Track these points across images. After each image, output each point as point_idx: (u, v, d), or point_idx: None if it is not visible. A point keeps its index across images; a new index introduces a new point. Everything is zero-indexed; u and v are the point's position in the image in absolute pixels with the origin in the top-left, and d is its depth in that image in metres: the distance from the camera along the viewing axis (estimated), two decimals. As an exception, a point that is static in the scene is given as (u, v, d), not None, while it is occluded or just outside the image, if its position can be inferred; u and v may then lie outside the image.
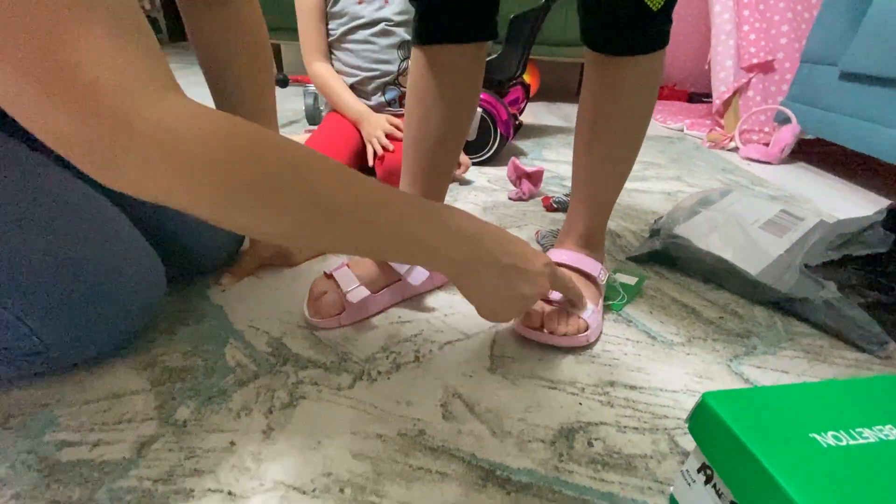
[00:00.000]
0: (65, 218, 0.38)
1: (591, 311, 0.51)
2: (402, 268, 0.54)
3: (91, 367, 0.44)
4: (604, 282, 0.56)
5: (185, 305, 0.54)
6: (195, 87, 0.53)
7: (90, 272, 0.38)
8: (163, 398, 0.41)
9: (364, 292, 0.52)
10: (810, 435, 0.27)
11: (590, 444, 0.39)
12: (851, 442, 0.27)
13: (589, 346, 0.50)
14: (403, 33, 1.02)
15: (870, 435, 0.27)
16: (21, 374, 0.42)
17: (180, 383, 0.43)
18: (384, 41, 1.01)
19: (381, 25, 1.00)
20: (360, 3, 1.00)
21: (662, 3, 0.43)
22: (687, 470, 0.32)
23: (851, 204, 1.04)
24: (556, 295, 0.50)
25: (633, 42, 0.45)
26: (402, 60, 1.04)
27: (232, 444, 0.37)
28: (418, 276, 0.54)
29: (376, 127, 0.96)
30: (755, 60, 1.46)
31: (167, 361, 0.45)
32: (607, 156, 0.52)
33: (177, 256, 0.52)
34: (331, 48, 1.06)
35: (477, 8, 0.48)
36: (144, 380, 0.43)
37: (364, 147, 0.99)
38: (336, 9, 1.01)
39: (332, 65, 1.07)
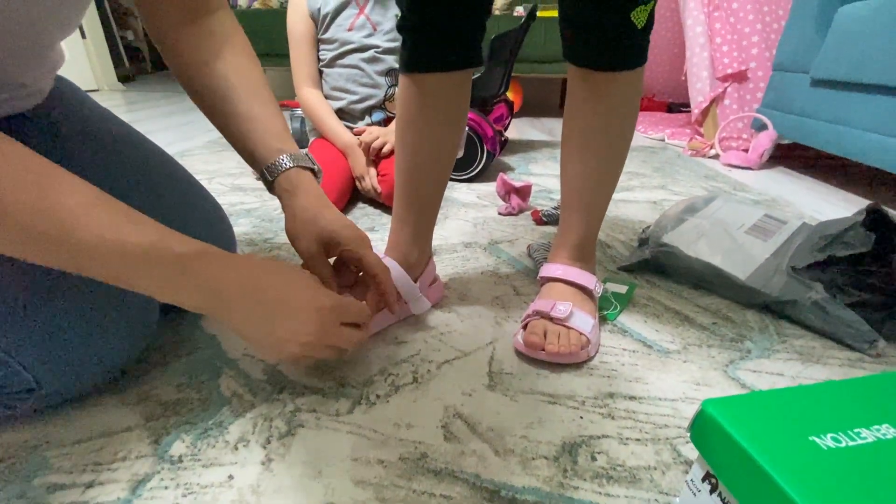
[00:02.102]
0: None
1: (590, 325, 0.51)
2: (410, 297, 0.55)
3: (82, 404, 0.43)
4: (599, 294, 0.56)
5: (177, 336, 0.53)
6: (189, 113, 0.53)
7: (82, 305, 0.38)
8: (157, 433, 0.40)
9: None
10: (810, 438, 0.27)
11: (593, 459, 0.38)
12: (850, 443, 0.27)
13: (589, 358, 0.50)
14: (392, 61, 1.04)
15: (868, 435, 0.28)
16: (12, 414, 0.41)
17: (175, 417, 0.42)
18: (372, 67, 1.03)
19: (370, 52, 1.02)
20: (349, 29, 1.02)
21: (646, 20, 0.45)
22: (692, 479, 0.32)
23: (831, 205, 1.07)
24: (559, 312, 0.50)
25: (619, 58, 0.47)
26: (389, 87, 1.05)
27: (230, 477, 0.36)
28: (422, 306, 0.56)
29: (364, 168, 0.98)
30: (729, 70, 1.51)
31: (161, 395, 0.45)
32: (595, 168, 0.53)
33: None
34: (321, 72, 1.07)
35: (463, 37, 0.49)
36: (137, 415, 0.42)
37: None
38: (327, 35, 1.03)
39: (322, 88, 1.08)
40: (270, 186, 0.47)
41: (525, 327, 0.51)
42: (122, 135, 0.55)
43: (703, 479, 0.31)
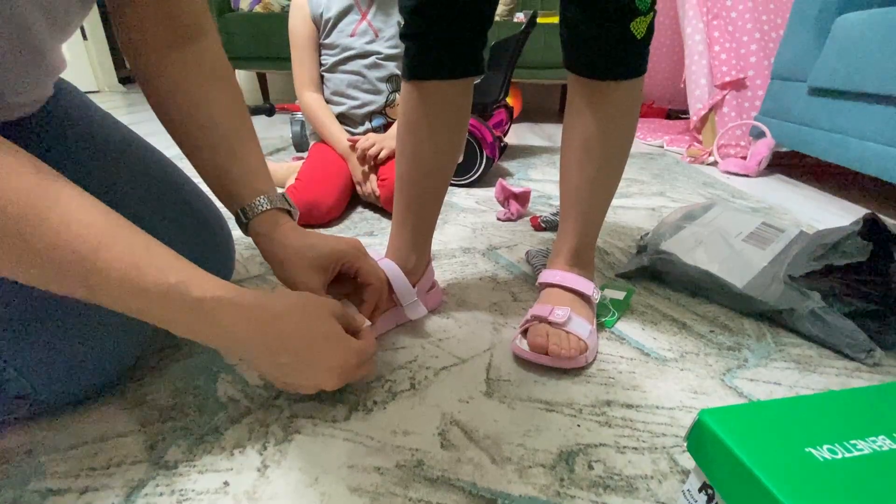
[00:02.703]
0: None
1: (588, 330, 0.51)
2: (406, 300, 0.54)
3: (77, 410, 0.43)
4: (597, 300, 0.56)
5: (173, 340, 0.53)
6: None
7: (77, 311, 0.38)
8: (153, 439, 0.40)
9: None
10: (806, 449, 0.27)
11: (590, 467, 0.38)
12: (846, 455, 0.27)
13: (587, 365, 0.50)
14: (393, 67, 1.04)
15: (864, 447, 0.28)
16: (7, 419, 0.40)
17: (171, 422, 0.42)
18: (374, 73, 1.03)
19: (372, 58, 1.02)
20: (351, 35, 1.02)
21: (645, 31, 0.45)
22: (688, 490, 0.32)
23: (828, 213, 1.08)
24: (557, 317, 0.50)
25: (619, 68, 0.47)
26: (391, 93, 1.06)
27: (226, 484, 0.36)
28: (418, 311, 0.55)
29: (364, 173, 0.98)
30: (728, 78, 1.52)
31: (156, 400, 0.44)
32: (594, 177, 0.54)
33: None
34: (322, 77, 1.08)
35: (465, 45, 0.49)
36: (133, 420, 0.42)
37: None
38: (328, 40, 1.03)
39: (323, 93, 1.08)
40: (245, 227, 0.45)
41: (524, 332, 0.52)
42: (122, 138, 0.55)
43: (700, 490, 0.31)
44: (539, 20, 1.88)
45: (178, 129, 0.45)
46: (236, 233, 0.71)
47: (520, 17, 2.22)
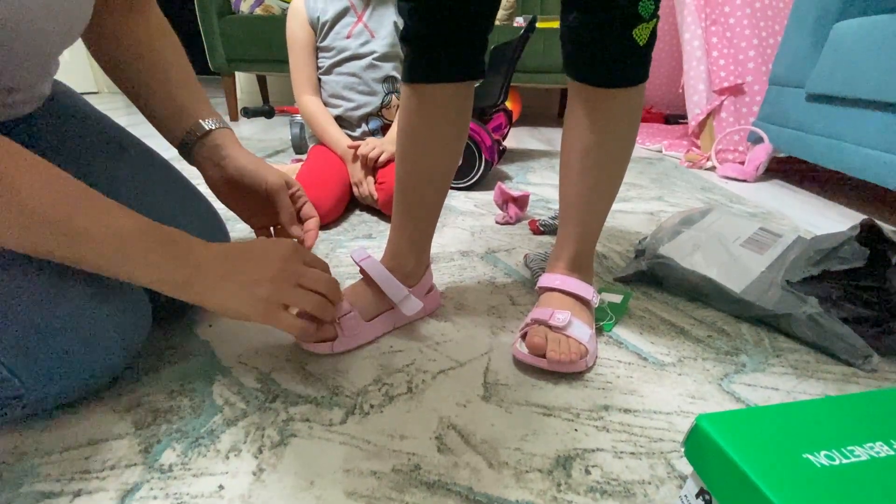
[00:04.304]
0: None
1: (589, 335, 0.51)
2: (396, 297, 0.53)
3: (72, 411, 0.43)
4: (596, 304, 0.56)
5: (170, 342, 0.53)
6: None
7: (71, 311, 0.37)
8: (147, 441, 0.40)
9: (357, 320, 0.52)
10: (804, 455, 0.27)
11: (587, 472, 0.38)
12: (844, 461, 0.27)
13: (586, 369, 0.50)
14: (389, 68, 1.05)
15: (861, 453, 0.28)
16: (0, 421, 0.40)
17: (166, 425, 0.41)
18: (370, 75, 1.04)
19: (368, 60, 1.03)
20: (348, 37, 1.02)
21: (648, 38, 0.45)
22: (685, 495, 0.32)
23: (826, 218, 1.08)
24: (558, 321, 0.50)
25: (620, 75, 0.47)
26: (387, 94, 1.06)
27: (221, 487, 0.36)
28: (412, 306, 0.54)
29: (362, 176, 0.98)
30: (726, 84, 1.52)
31: (152, 402, 0.44)
32: (594, 183, 0.54)
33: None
34: (319, 80, 1.08)
35: (466, 48, 0.49)
36: (128, 422, 0.42)
37: None
38: (325, 43, 1.03)
39: (321, 95, 1.08)
40: (192, 143, 0.51)
41: (524, 336, 0.51)
42: (120, 139, 0.55)
43: (697, 495, 0.31)
44: (538, 25, 1.89)
45: (129, 70, 0.51)
46: (235, 234, 0.72)
47: (519, 21, 2.23)
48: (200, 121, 0.52)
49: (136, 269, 0.37)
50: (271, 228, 0.59)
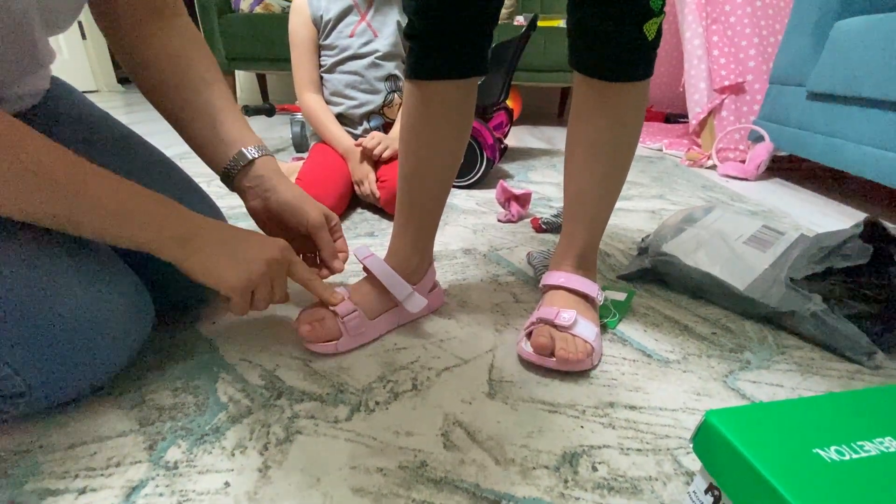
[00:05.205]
0: (45, 249, 0.37)
1: (594, 333, 0.51)
2: (400, 294, 0.53)
3: (76, 409, 0.42)
4: (601, 302, 0.56)
5: (174, 340, 0.53)
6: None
7: (73, 308, 0.37)
8: (152, 439, 0.40)
9: (361, 318, 0.52)
10: (814, 450, 0.27)
11: (594, 469, 0.38)
12: (854, 456, 0.27)
13: (592, 367, 0.50)
14: (392, 67, 1.04)
15: (871, 448, 0.28)
16: (4, 419, 0.40)
17: (171, 422, 0.41)
18: (372, 73, 1.03)
19: (371, 58, 1.02)
20: (350, 36, 1.02)
21: (655, 33, 0.45)
22: (694, 491, 0.32)
23: (827, 217, 1.08)
24: (563, 319, 0.50)
25: (630, 69, 0.47)
26: (389, 93, 1.06)
27: (226, 484, 0.36)
28: (416, 303, 0.54)
29: (363, 174, 0.98)
30: (726, 83, 1.52)
31: (156, 399, 0.44)
32: (601, 179, 0.53)
33: (166, 288, 0.51)
34: (321, 78, 1.08)
35: (470, 45, 0.49)
36: (133, 420, 0.42)
37: None
38: (328, 41, 1.03)
39: (323, 93, 1.08)
40: (236, 173, 0.52)
41: (529, 335, 0.51)
42: (119, 136, 0.55)
43: (706, 491, 0.31)
44: (539, 23, 1.89)
45: (169, 91, 0.50)
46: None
47: (520, 20, 2.22)
48: (244, 149, 0.51)
49: (138, 228, 0.38)
50: (302, 254, 0.58)
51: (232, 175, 0.52)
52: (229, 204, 0.99)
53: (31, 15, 0.38)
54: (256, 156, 0.52)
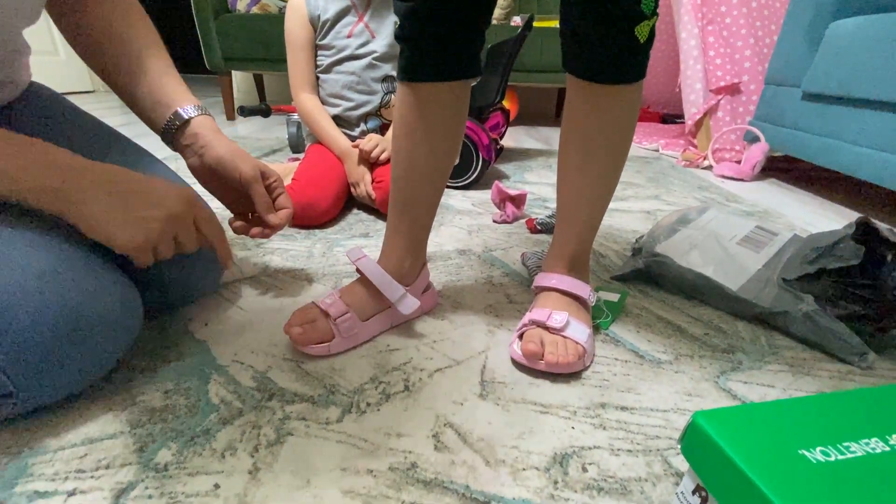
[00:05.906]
0: (32, 248, 0.37)
1: (586, 334, 0.51)
2: (393, 296, 0.53)
3: (65, 410, 0.42)
4: (593, 303, 0.56)
5: (165, 341, 0.53)
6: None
7: (60, 306, 0.37)
8: (142, 441, 0.39)
9: (353, 319, 0.52)
10: (800, 451, 0.27)
11: (584, 470, 0.38)
12: (839, 457, 0.27)
13: (584, 368, 0.50)
14: (389, 68, 1.04)
15: (857, 449, 0.28)
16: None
17: (161, 424, 0.41)
18: (369, 74, 1.03)
19: (368, 59, 1.02)
20: (348, 36, 1.02)
21: (648, 35, 0.45)
22: (682, 492, 0.32)
23: (821, 217, 1.08)
24: (555, 321, 0.50)
25: (622, 72, 0.47)
26: (386, 94, 1.06)
27: (216, 486, 0.36)
28: (409, 305, 0.54)
29: (359, 175, 0.98)
30: (722, 83, 1.53)
31: (147, 401, 0.44)
32: (594, 181, 0.53)
33: (156, 288, 0.51)
34: (317, 78, 1.08)
35: (462, 47, 0.49)
36: (123, 421, 0.41)
37: None
38: (325, 41, 1.03)
39: (319, 94, 1.08)
40: (174, 131, 0.52)
41: (521, 337, 0.51)
42: (108, 136, 0.55)
43: (694, 492, 0.31)
44: (536, 24, 1.89)
45: (109, 59, 0.51)
46: (229, 234, 0.71)
47: (516, 20, 2.23)
48: (179, 109, 0.52)
49: (18, 173, 0.35)
50: (249, 214, 0.60)
51: (170, 134, 0.53)
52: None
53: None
54: (193, 115, 0.52)
